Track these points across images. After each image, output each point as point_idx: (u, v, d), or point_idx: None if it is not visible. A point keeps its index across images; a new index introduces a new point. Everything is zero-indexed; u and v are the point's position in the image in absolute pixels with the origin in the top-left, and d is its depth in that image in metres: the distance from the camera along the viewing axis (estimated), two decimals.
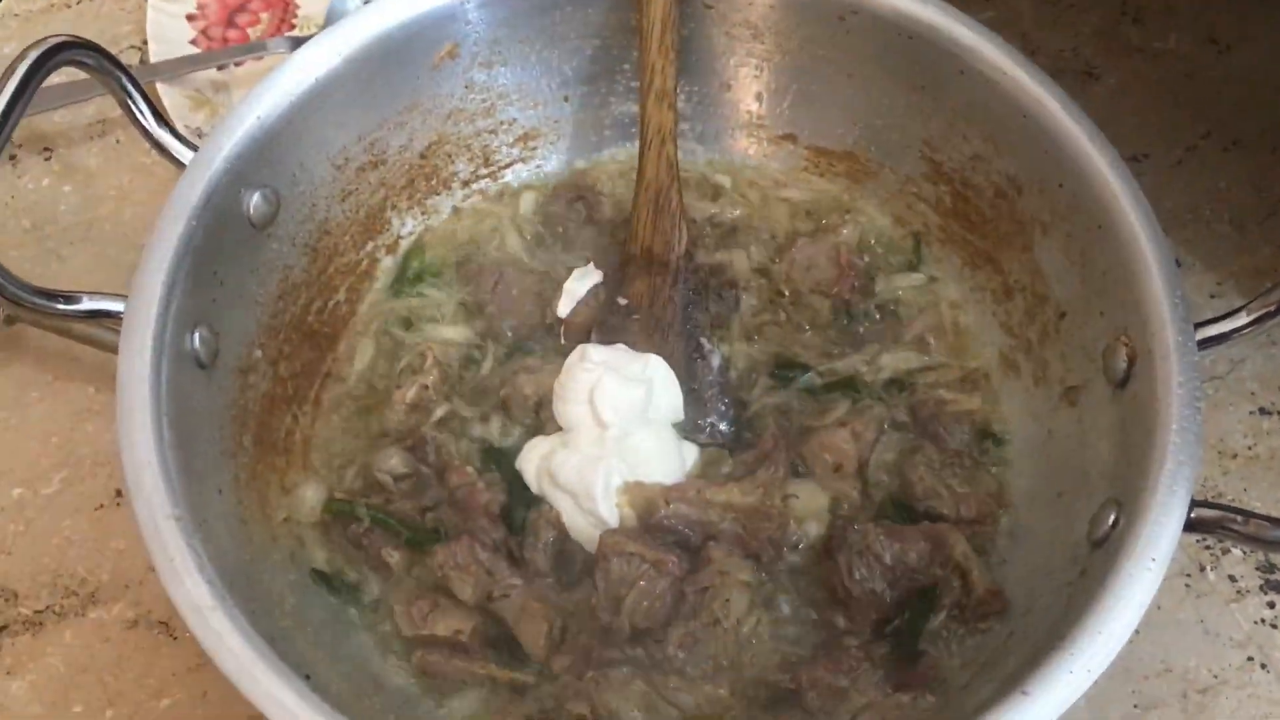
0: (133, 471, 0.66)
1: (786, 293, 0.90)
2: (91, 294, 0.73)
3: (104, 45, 0.78)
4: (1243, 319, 0.74)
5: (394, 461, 0.80)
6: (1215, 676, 0.82)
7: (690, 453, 0.82)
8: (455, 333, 0.88)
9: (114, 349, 0.70)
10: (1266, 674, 0.82)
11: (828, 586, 0.76)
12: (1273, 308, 0.73)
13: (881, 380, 0.85)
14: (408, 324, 0.88)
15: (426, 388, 0.83)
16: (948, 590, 0.75)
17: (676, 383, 0.82)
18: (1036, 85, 0.81)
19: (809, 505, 0.79)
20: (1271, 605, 0.85)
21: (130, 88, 0.79)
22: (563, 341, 0.87)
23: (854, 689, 0.72)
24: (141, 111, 0.80)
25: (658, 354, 0.83)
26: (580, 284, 0.89)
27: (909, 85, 0.88)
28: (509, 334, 0.88)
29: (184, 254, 0.73)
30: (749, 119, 0.95)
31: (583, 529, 0.78)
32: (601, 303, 0.88)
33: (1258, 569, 0.86)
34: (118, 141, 1.04)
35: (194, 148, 0.78)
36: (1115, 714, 0.81)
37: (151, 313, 0.70)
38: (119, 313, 0.71)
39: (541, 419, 0.83)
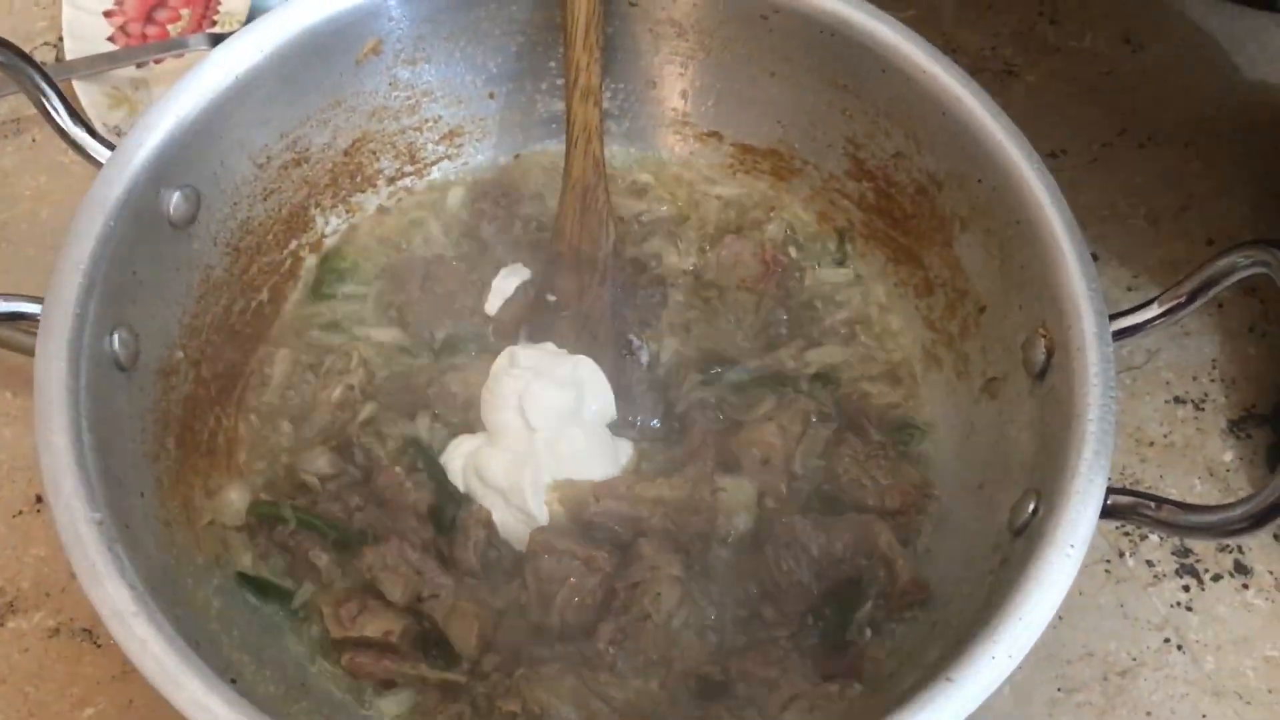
0: (51, 476, 0.65)
1: (714, 289, 0.90)
2: (7, 296, 0.71)
3: (17, 42, 0.77)
4: (1155, 310, 0.76)
5: (320, 462, 0.79)
6: (1134, 659, 0.84)
7: (625, 450, 0.82)
8: (382, 333, 0.87)
9: (31, 352, 0.68)
10: (1183, 655, 0.84)
11: (756, 579, 0.77)
12: (1183, 299, 0.75)
13: (807, 374, 0.86)
14: (333, 325, 0.87)
15: (352, 388, 0.83)
16: (873, 580, 0.76)
17: (606, 383, 0.83)
18: (956, 83, 0.82)
19: (737, 499, 0.79)
20: (1186, 589, 0.87)
21: (44, 85, 0.78)
22: (491, 339, 0.87)
23: (783, 679, 0.73)
24: (56, 110, 0.78)
25: (586, 352, 0.83)
26: (508, 281, 0.89)
27: (831, 83, 0.89)
28: (437, 333, 0.87)
29: (101, 255, 0.71)
30: (675, 116, 0.96)
31: (512, 527, 0.78)
32: (530, 300, 0.88)
33: (1173, 554, 0.88)
34: (34, 140, 1.02)
35: (111, 146, 0.77)
36: (1039, 698, 0.82)
37: (69, 315, 0.69)
38: (35, 315, 0.70)
39: (470, 418, 0.82)
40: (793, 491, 0.81)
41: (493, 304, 0.88)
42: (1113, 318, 0.74)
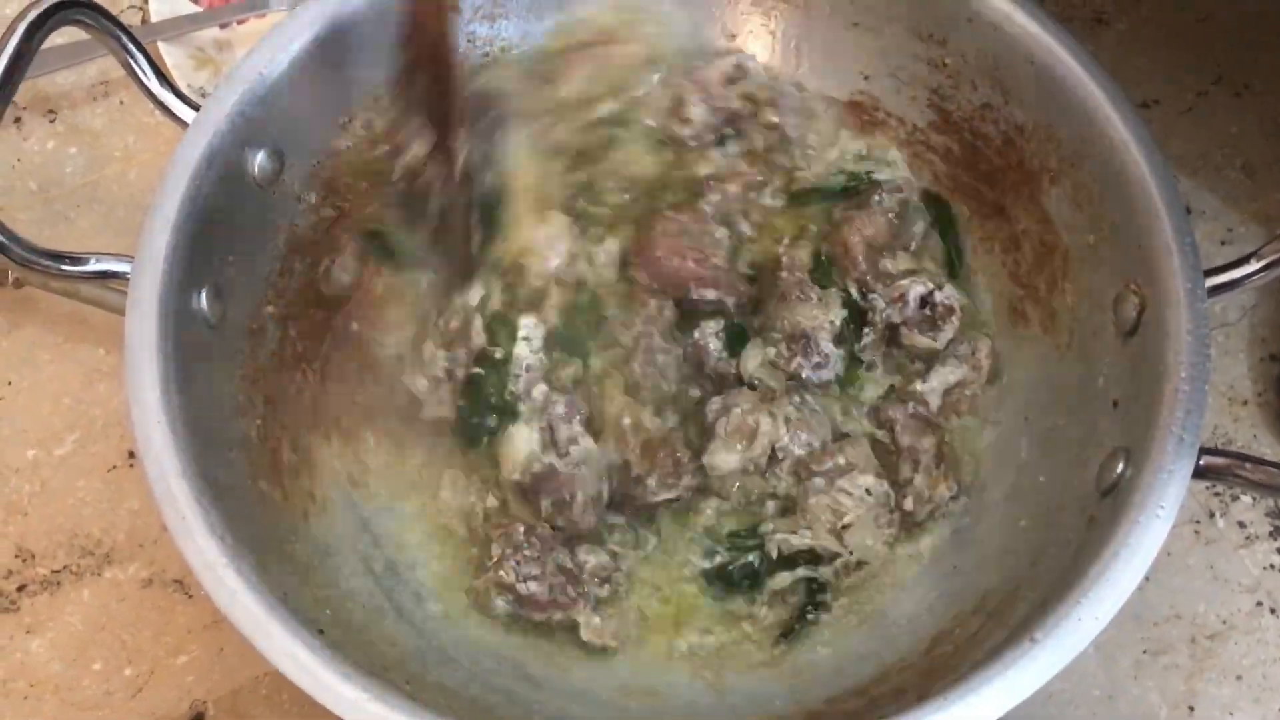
0: (143, 431, 0.66)
1: None
2: (99, 255, 0.73)
3: (104, 5, 0.78)
4: (1253, 265, 0.73)
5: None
6: (1224, 622, 0.83)
7: None
8: None
9: (121, 310, 0.70)
10: (1276, 618, 0.83)
11: None
12: None
13: None
14: None
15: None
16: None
17: None
18: (1045, 32, 0.80)
19: None
20: None
21: (132, 47, 0.79)
22: None
23: None
24: (144, 71, 0.79)
25: None
26: None
27: (916, 34, 0.87)
28: None
29: (188, 215, 0.72)
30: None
31: None
32: None
33: (1267, 515, 0.86)
34: (121, 102, 1.04)
35: (197, 107, 0.78)
36: (1125, 660, 0.81)
37: (157, 273, 0.70)
38: (125, 274, 0.71)
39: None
40: None
41: None
42: (1207, 274, 0.72)
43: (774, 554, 0.78)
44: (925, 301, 0.84)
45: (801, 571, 0.78)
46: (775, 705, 0.74)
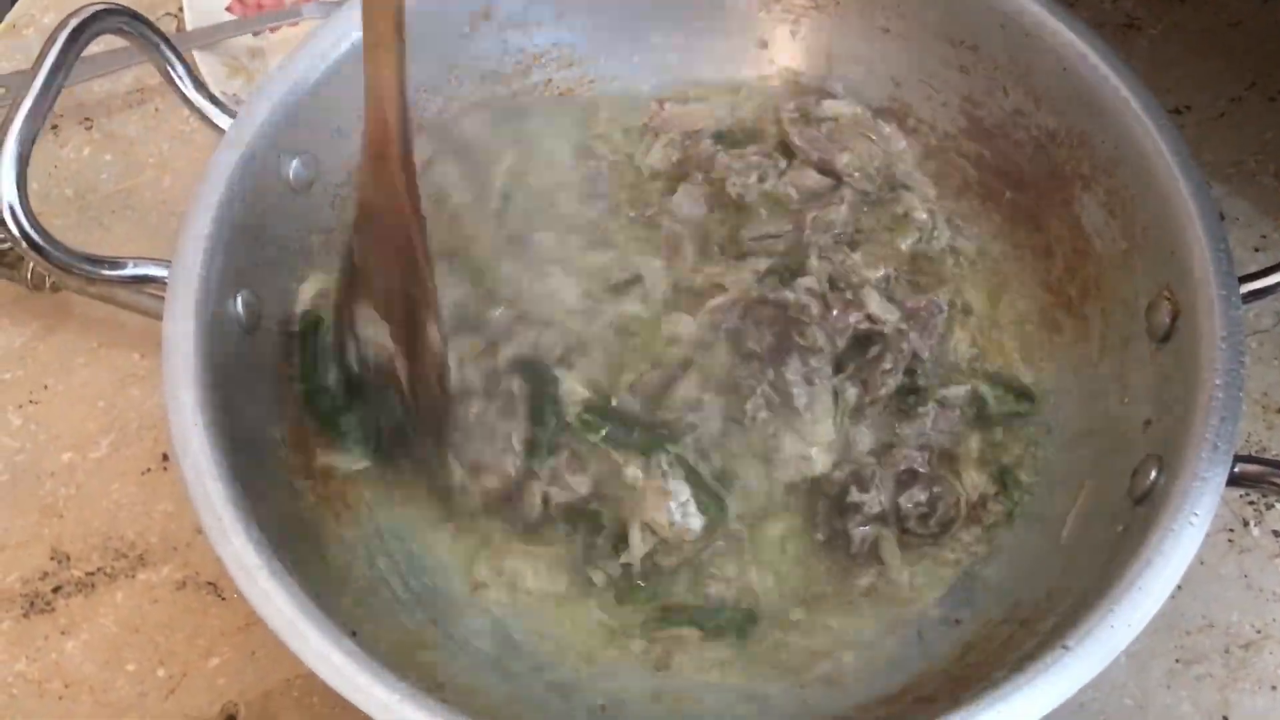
0: (179, 433, 0.67)
1: None
2: (136, 259, 0.74)
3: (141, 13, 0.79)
4: None
5: None
6: (1259, 631, 0.82)
7: None
8: None
9: (157, 315, 0.71)
10: None
11: None
12: None
13: None
14: None
15: None
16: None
17: None
18: (1078, 38, 0.80)
19: None
20: None
21: (170, 55, 0.80)
22: None
23: None
24: (182, 78, 0.80)
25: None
26: None
27: (948, 40, 0.87)
28: None
29: (224, 219, 0.73)
30: (787, 75, 0.94)
31: None
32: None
33: None
34: (156, 110, 1.05)
35: (233, 114, 0.79)
36: (1158, 669, 0.80)
37: (194, 278, 0.71)
38: (162, 278, 0.72)
39: None
40: None
41: None
42: (1241, 280, 0.72)
43: None
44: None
45: None
46: (806, 710, 0.74)
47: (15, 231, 0.71)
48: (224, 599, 0.83)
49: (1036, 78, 0.83)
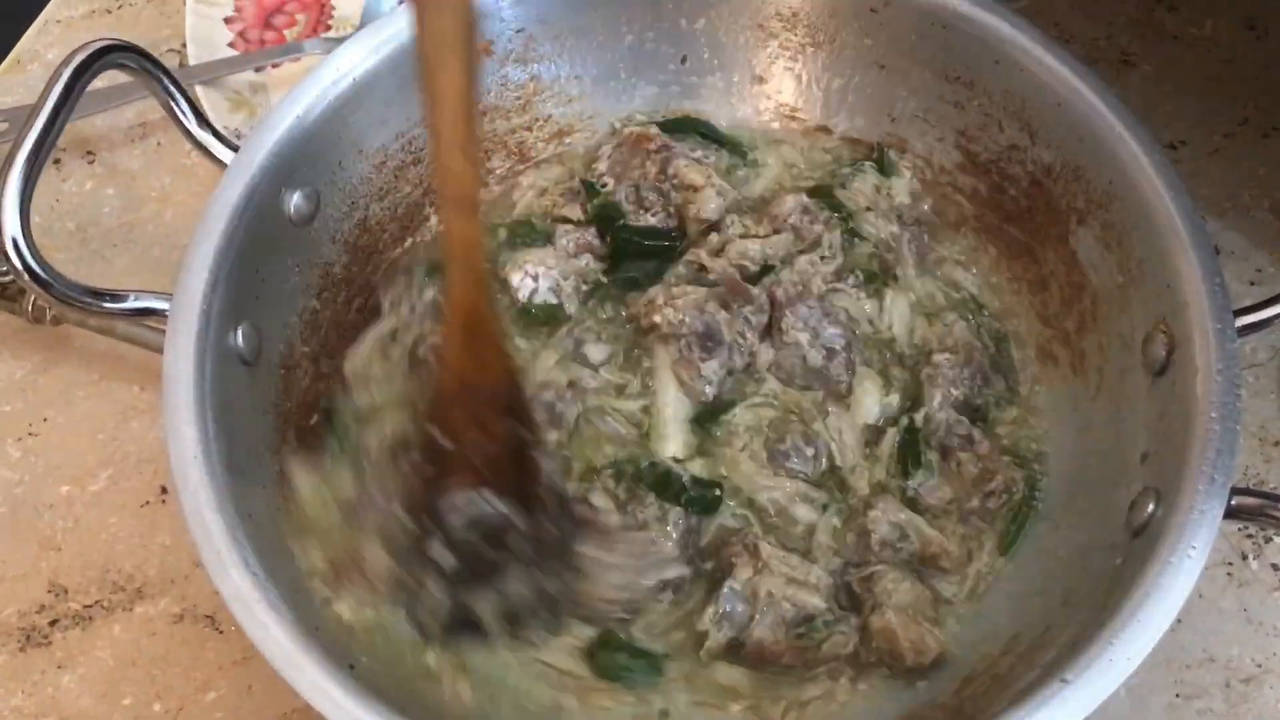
0: (179, 466, 0.67)
1: None
2: (138, 292, 0.74)
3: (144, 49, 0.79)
4: None
5: None
6: (1259, 666, 0.82)
7: None
8: None
9: (158, 348, 0.71)
10: None
11: None
12: None
13: None
14: None
15: None
16: None
17: None
18: (1072, 74, 0.81)
19: None
20: None
21: (173, 90, 0.81)
22: None
23: None
24: (184, 113, 0.81)
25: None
26: None
27: (943, 75, 0.88)
28: None
29: (226, 253, 0.74)
30: (783, 111, 0.95)
31: None
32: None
33: None
34: (158, 144, 1.06)
35: (235, 148, 0.80)
36: (1157, 703, 0.80)
37: (195, 311, 0.71)
38: (164, 311, 0.73)
39: None
40: None
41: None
42: (1236, 313, 0.72)
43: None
44: None
45: None
46: None
47: (18, 265, 0.71)
48: (221, 632, 0.83)
49: (1032, 113, 0.84)
